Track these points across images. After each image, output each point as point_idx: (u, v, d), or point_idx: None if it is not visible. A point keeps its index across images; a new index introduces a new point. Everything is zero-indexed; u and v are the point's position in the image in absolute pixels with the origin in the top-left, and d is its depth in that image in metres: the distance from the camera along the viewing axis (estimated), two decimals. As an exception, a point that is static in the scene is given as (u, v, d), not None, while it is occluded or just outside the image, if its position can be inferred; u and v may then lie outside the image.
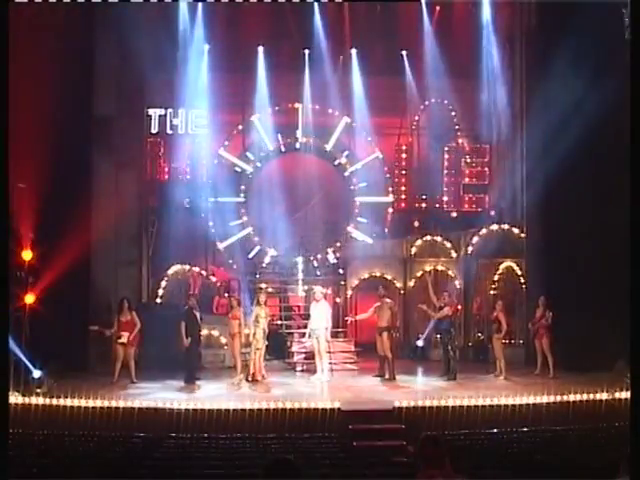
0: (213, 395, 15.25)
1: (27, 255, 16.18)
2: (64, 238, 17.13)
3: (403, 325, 20.63)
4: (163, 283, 20.60)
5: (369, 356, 18.30)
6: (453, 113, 23.31)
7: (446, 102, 23.26)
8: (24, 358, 14.93)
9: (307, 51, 22.56)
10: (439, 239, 21.20)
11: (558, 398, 14.07)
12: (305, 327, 18.54)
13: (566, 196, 18.15)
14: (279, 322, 20.68)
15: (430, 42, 21.73)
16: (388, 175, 23.30)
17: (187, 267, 20.88)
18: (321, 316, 17.33)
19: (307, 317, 20.32)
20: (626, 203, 8.82)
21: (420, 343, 19.49)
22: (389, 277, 20.83)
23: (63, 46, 17.39)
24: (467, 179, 23.03)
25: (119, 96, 20.05)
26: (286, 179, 22.52)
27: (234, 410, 13.56)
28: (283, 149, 23.26)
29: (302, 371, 18.42)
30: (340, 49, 22.61)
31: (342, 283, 21.30)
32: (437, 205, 23.12)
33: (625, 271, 9.44)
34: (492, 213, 21.94)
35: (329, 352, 18.36)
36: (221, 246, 22.57)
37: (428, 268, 20.87)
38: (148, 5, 19.33)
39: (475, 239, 20.83)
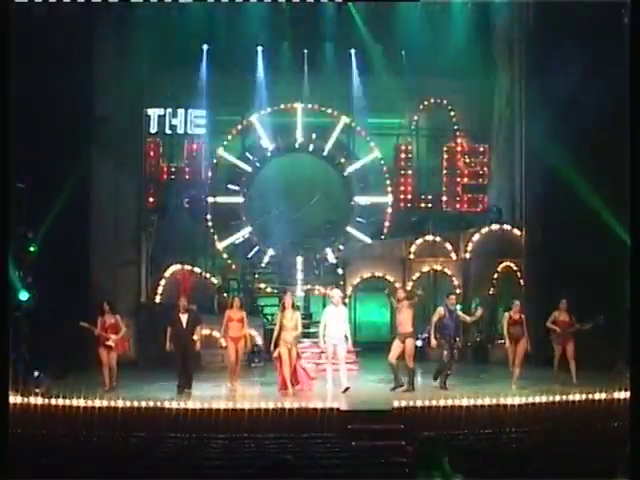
0: (213, 395, 15.24)
1: (27, 255, 16.19)
2: (63, 238, 17.16)
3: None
4: (162, 283, 20.58)
5: (368, 356, 18.29)
6: (452, 113, 23.33)
7: (445, 102, 23.30)
8: (23, 358, 14.92)
9: (306, 51, 22.57)
10: (438, 239, 21.22)
11: (558, 398, 14.07)
12: (305, 327, 18.49)
13: (565, 196, 18.16)
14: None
15: (429, 42, 21.71)
16: (387, 175, 23.29)
17: (186, 267, 20.84)
18: (340, 322, 15.91)
19: (306, 317, 20.34)
20: (626, 202, 8.84)
21: (419, 343, 19.47)
22: (388, 277, 20.81)
23: (63, 46, 17.39)
24: (466, 179, 23.01)
25: (118, 96, 20.05)
26: (285, 179, 22.52)
27: (234, 410, 13.55)
28: (282, 149, 23.26)
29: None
30: (339, 49, 22.61)
31: (341, 283, 21.28)
32: (436, 205, 23.12)
33: (625, 271, 9.47)
34: (491, 213, 21.94)
35: (326, 352, 18.37)
36: (220, 246, 22.57)
37: (426, 269, 20.95)
38: (148, 5, 19.32)
39: (474, 239, 20.87)
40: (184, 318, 15.80)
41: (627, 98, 9.44)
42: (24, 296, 15.76)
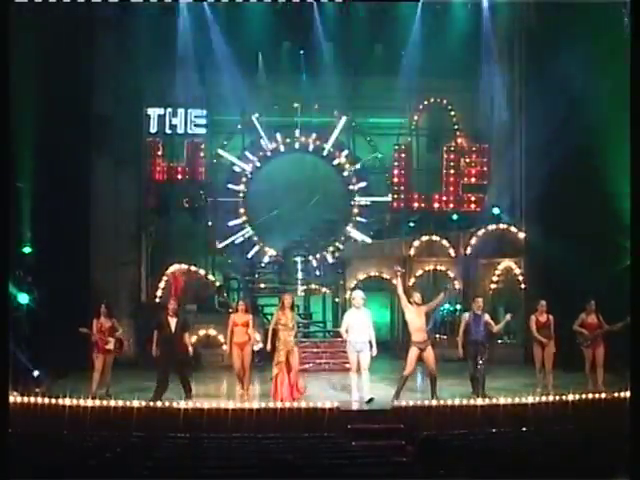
0: (213, 395, 15.23)
1: (26, 255, 16.19)
2: (63, 238, 17.16)
3: (402, 326, 20.57)
4: (162, 283, 20.56)
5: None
6: (452, 113, 23.34)
7: (445, 102, 23.32)
8: (23, 357, 14.92)
9: (306, 51, 22.56)
10: (438, 239, 21.21)
11: (558, 398, 14.07)
12: (305, 327, 18.48)
13: (566, 196, 18.18)
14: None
15: (429, 42, 21.69)
16: (387, 175, 23.30)
17: (183, 267, 20.78)
18: (363, 326, 14.70)
19: (306, 317, 20.35)
20: (626, 202, 8.86)
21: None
22: (388, 277, 20.79)
23: (63, 46, 17.40)
24: (466, 179, 23.00)
25: (118, 96, 20.05)
26: (285, 179, 22.55)
27: (233, 410, 13.55)
28: (282, 149, 23.28)
29: (302, 371, 18.37)
30: (339, 49, 22.60)
31: (341, 283, 21.29)
32: (436, 205, 23.11)
33: (625, 271, 9.47)
34: (491, 213, 21.95)
35: (327, 352, 18.39)
36: (220, 246, 22.58)
37: (426, 268, 20.96)
38: (147, 5, 19.32)
39: (474, 239, 20.85)
40: (173, 322, 14.98)
41: (628, 98, 9.46)
42: (24, 299, 15.76)
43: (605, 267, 17.17)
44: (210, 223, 22.52)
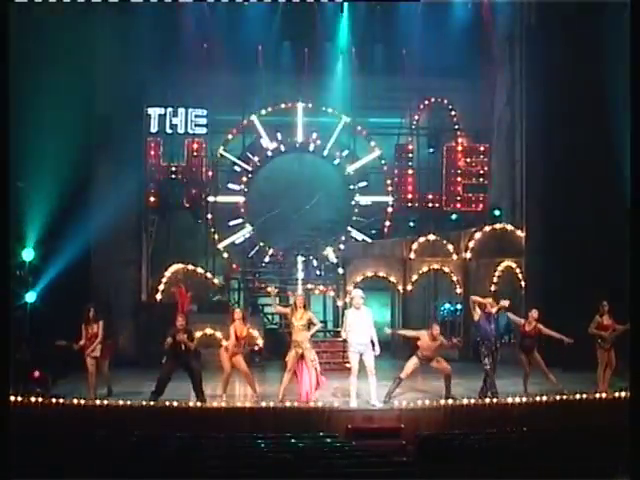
0: (213, 394, 15.22)
1: (27, 254, 16.20)
2: (64, 237, 17.17)
3: (403, 325, 20.59)
4: (163, 282, 20.56)
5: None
6: (453, 112, 23.36)
7: (446, 101, 23.34)
8: (23, 358, 14.91)
9: (307, 50, 22.59)
10: (438, 239, 21.22)
11: (558, 398, 14.07)
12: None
13: (566, 196, 18.18)
14: (278, 321, 20.78)
15: (429, 41, 21.72)
16: (387, 175, 23.32)
17: (188, 267, 20.77)
18: (364, 326, 14.13)
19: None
20: (626, 203, 8.87)
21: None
22: (388, 277, 20.81)
23: (63, 46, 17.40)
24: (466, 179, 23.04)
25: (119, 95, 20.04)
26: (286, 178, 22.57)
27: (233, 409, 13.56)
28: (283, 149, 23.28)
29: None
30: (340, 49, 22.64)
31: (341, 283, 21.29)
32: (436, 205, 23.14)
33: (625, 271, 9.47)
34: (491, 213, 21.96)
35: (327, 352, 18.36)
36: (220, 245, 22.59)
37: (426, 268, 20.97)
38: (148, 4, 19.32)
39: (474, 239, 20.87)
40: (184, 339, 14.50)
41: (628, 97, 9.47)
42: (24, 299, 15.77)
43: (605, 267, 17.18)
44: (210, 223, 22.53)
